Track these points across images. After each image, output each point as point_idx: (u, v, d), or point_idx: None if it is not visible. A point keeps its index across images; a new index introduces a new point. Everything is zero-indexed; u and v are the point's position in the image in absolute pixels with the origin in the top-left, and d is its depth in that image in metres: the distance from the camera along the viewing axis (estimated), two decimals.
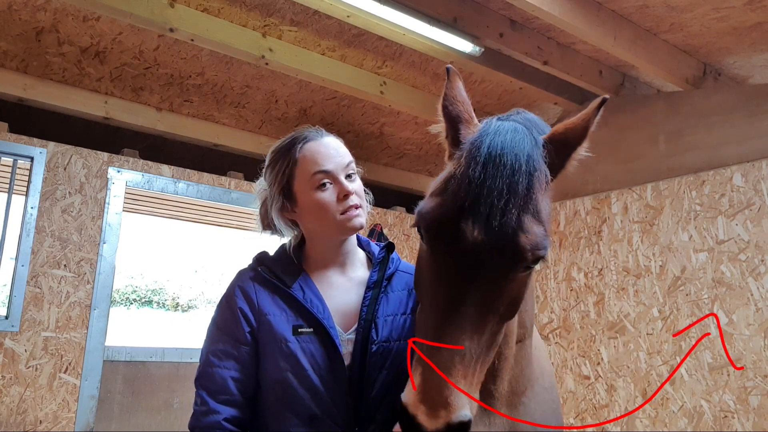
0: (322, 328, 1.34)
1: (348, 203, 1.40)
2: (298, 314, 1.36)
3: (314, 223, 1.44)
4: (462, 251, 1.09)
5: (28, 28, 3.54)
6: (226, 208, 4.56)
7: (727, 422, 3.35)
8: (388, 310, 1.41)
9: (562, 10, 3.20)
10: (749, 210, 3.45)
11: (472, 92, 4.60)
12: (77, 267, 3.62)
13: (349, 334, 1.38)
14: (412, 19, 3.36)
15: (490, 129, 1.18)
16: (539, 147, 1.19)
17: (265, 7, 3.56)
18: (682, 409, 3.57)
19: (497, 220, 1.07)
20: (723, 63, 3.88)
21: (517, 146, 1.14)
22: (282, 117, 4.67)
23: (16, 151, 3.54)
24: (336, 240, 1.46)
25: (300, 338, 1.33)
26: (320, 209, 1.40)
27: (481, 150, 1.14)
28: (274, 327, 1.35)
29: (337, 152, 1.44)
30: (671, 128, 3.97)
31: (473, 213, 1.09)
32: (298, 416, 1.29)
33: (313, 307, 1.36)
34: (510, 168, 1.11)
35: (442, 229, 1.13)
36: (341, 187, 1.40)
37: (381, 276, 1.45)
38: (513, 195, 1.09)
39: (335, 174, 1.41)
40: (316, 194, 1.40)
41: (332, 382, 1.31)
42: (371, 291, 1.42)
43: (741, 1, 3.17)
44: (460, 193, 1.11)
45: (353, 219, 1.40)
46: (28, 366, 3.38)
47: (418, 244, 1.27)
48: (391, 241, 1.56)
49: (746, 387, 3.30)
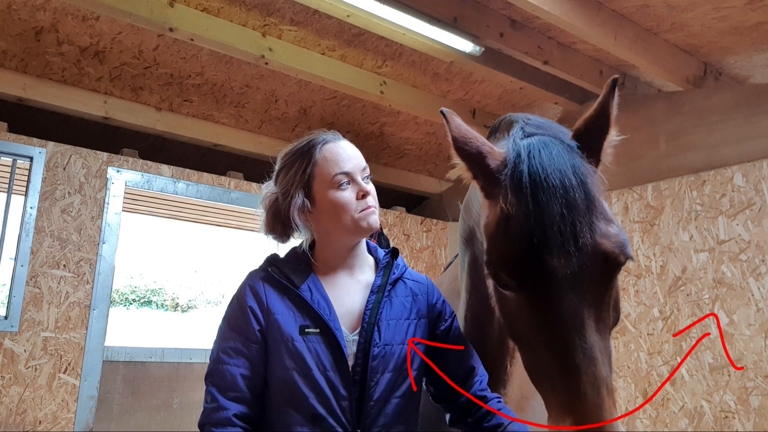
0: (329, 329, 1.36)
1: (366, 203, 1.44)
2: (305, 315, 1.39)
3: (331, 223, 1.47)
4: (558, 282, 1.06)
5: (27, 27, 3.53)
6: (226, 208, 4.56)
7: (728, 422, 3.34)
8: (391, 315, 1.44)
9: (562, 9, 3.19)
10: (750, 210, 3.45)
11: (472, 92, 4.60)
12: (77, 267, 3.61)
13: (353, 336, 1.40)
14: (412, 18, 3.35)
15: (522, 153, 1.13)
16: (575, 150, 1.15)
17: (265, 6, 3.56)
18: (683, 409, 3.56)
19: (575, 243, 1.05)
20: (724, 63, 3.88)
21: (556, 161, 1.10)
22: (282, 117, 4.67)
23: (15, 151, 3.53)
24: (349, 241, 1.49)
25: (306, 338, 1.35)
26: (339, 208, 1.43)
27: (524, 180, 1.09)
28: (282, 326, 1.37)
29: (355, 155, 1.50)
30: (672, 128, 3.96)
31: (550, 246, 1.05)
32: (302, 415, 1.31)
33: (320, 308, 1.38)
34: (561, 187, 1.08)
35: (528, 272, 1.08)
36: (360, 187, 1.45)
37: (385, 281, 1.48)
38: (575, 212, 1.06)
39: (354, 175, 1.46)
40: (336, 193, 1.44)
41: (336, 383, 1.33)
42: (374, 295, 1.45)
43: (742, 1, 3.17)
44: (526, 233, 1.07)
45: (369, 217, 1.44)
46: (27, 366, 3.37)
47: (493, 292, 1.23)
48: (395, 247, 1.60)
49: (747, 387, 3.30)
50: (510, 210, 1.09)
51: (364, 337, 1.38)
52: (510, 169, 1.13)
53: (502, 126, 1.44)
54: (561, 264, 1.05)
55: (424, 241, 5.30)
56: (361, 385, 1.35)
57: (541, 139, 1.15)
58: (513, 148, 1.16)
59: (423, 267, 5.17)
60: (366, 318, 1.41)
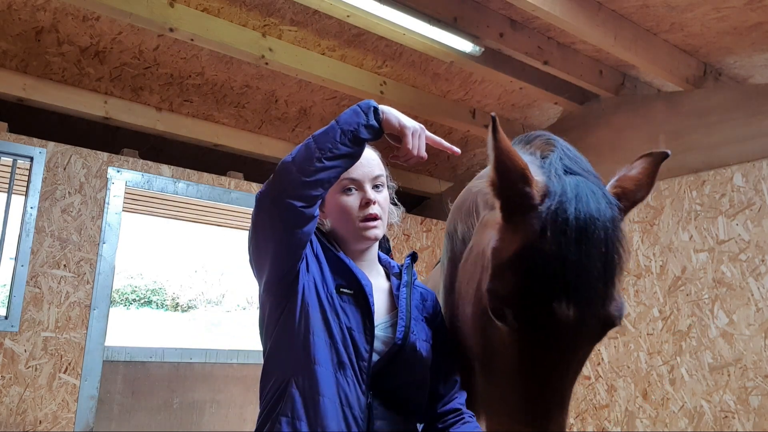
0: (363, 292, 1.41)
1: (369, 211, 1.48)
2: (342, 276, 1.44)
3: (336, 225, 1.52)
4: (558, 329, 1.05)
5: (27, 27, 3.54)
6: (226, 208, 4.56)
7: (728, 422, 3.35)
8: (414, 313, 1.49)
9: (562, 9, 3.19)
10: (750, 210, 3.45)
11: (472, 92, 4.60)
12: (77, 267, 3.62)
13: (385, 319, 1.45)
14: (412, 18, 3.36)
15: (569, 193, 1.08)
16: (614, 206, 1.13)
17: (265, 6, 3.56)
18: (683, 409, 3.57)
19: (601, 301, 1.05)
20: (723, 63, 3.88)
21: (602, 214, 1.07)
22: (282, 117, 4.67)
23: (15, 151, 3.54)
24: (353, 246, 1.53)
25: (341, 297, 1.41)
26: (342, 212, 1.49)
27: (570, 223, 1.04)
28: (323, 276, 1.42)
29: (368, 162, 1.54)
30: (671, 128, 3.96)
31: (569, 293, 1.03)
32: (331, 361, 1.35)
33: (357, 272, 1.44)
34: (605, 243, 1.05)
35: (536, 315, 1.05)
36: (364, 194, 1.49)
37: (410, 278, 1.54)
38: (611, 271, 1.06)
39: (361, 182, 1.50)
40: (341, 198, 1.49)
41: (361, 343, 1.37)
42: (405, 288, 1.50)
43: (741, 1, 3.17)
44: (554, 276, 1.03)
45: (369, 230, 1.48)
46: (27, 366, 3.38)
47: (476, 315, 1.21)
48: (415, 251, 1.65)
49: (747, 387, 3.30)
50: (545, 247, 1.04)
51: (404, 321, 1.42)
52: (554, 205, 1.06)
53: (537, 143, 1.38)
54: (571, 315, 1.03)
55: (424, 241, 5.30)
56: (387, 360, 1.38)
57: (587, 184, 1.12)
58: (558, 183, 1.11)
59: (423, 267, 5.18)
60: (402, 304, 1.45)
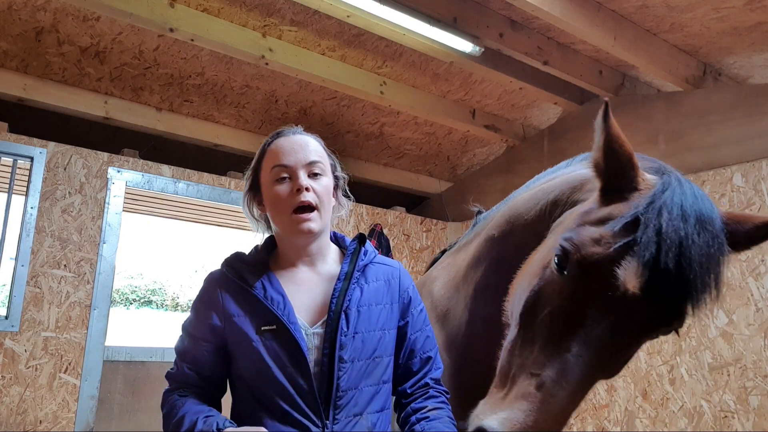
0: (283, 325, 1.34)
1: (300, 198, 1.39)
2: (260, 313, 1.37)
3: (273, 220, 1.47)
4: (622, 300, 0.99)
5: (28, 28, 3.54)
6: (226, 208, 4.57)
7: (727, 422, 3.35)
8: (362, 301, 1.42)
9: (562, 10, 3.19)
10: (749, 210, 3.45)
11: (472, 92, 4.60)
12: (77, 267, 3.62)
13: (316, 328, 1.38)
14: (412, 19, 3.36)
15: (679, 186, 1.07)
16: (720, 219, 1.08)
17: (265, 7, 3.56)
18: (682, 409, 3.57)
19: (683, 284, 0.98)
20: (723, 63, 3.88)
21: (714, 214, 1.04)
22: (282, 117, 4.67)
23: (16, 151, 3.54)
24: (293, 240, 1.46)
25: (263, 336, 1.35)
26: (274, 201, 1.42)
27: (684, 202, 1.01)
28: (240, 327, 1.37)
29: (301, 148, 1.45)
30: (671, 128, 3.96)
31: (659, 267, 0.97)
32: (271, 414, 1.31)
33: (274, 305, 1.37)
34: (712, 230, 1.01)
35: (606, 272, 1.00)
36: (296, 181, 1.40)
37: (352, 268, 1.46)
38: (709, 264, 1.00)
39: (294, 169, 1.41)
40: (272, 187, 1.42)
41: (298, 378, 1.32)
42: (341, 282, 1.43)
43: (741, 1, 3.17)
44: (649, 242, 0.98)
45: (302, 223, 1.39)
46: (28, 366, 3.38)
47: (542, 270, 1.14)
48: (362, 233, 1.57)
49: (746, 387, 3.30)
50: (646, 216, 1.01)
51: (330, 327, 1.36)
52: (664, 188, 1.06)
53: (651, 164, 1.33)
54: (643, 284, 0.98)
55: (424, 241, 5.31)
56: (328, 376, 1.33)
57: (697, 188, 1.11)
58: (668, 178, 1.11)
59: (423, 267, 5.18)
60: (332, 307, 1.38)
